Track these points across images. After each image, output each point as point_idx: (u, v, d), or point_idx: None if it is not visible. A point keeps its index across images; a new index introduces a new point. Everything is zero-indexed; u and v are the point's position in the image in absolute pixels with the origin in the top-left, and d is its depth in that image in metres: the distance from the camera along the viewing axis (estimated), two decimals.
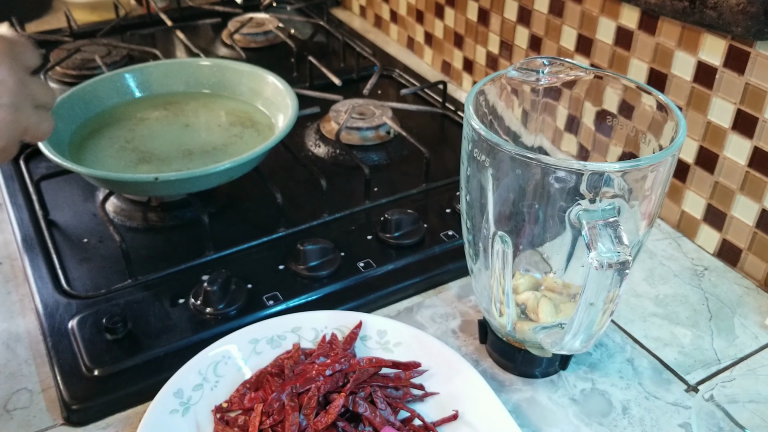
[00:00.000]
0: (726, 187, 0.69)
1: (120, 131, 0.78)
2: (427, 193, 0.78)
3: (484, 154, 0.48)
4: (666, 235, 0.75)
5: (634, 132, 0.53)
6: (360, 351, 0.57)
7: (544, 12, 0.84)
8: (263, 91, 0.82)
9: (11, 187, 0.77)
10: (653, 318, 0.64)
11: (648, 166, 0.45)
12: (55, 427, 0.54)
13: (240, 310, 0.62)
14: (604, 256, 0.43)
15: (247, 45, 1.13)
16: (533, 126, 0.58)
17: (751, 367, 0.60)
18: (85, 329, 0.59)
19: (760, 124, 0.64)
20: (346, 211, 0.74)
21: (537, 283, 0.54)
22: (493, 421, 0.51)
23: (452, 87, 1.05)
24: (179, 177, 0.65)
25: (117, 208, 0.74)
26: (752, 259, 0.68)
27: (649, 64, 0.73)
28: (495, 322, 0.56)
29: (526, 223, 0.49)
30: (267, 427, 0.50)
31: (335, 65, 1.07)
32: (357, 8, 1.31)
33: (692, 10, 0.64)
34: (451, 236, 0.71)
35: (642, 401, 0.56)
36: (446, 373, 0.55)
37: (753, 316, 0.65)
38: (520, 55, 0.91)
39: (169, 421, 0.51)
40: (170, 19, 1.15)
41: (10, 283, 0.67)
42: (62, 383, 0.55)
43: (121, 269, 0.65)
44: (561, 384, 0.58)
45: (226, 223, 0.73)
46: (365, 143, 0.86)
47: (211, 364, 0.55)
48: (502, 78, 0.55)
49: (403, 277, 0.67)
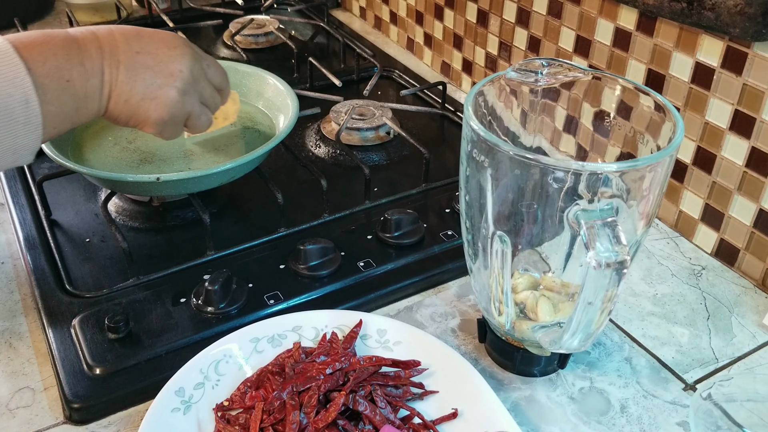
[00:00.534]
0: (724, 188, 0.69)
1: (122, 132, 0.78)
2: (427, 193, 0.79)
3: (483, 154, 0.48)
4: (664, 235, 0.75)
5: (632, 132, 0.54)
6: (360, 350, 0.58)
7: (542, 13, 0.85)
8: (264, 91, 0.82)
9: (14, 187, 0.77)
10: (651, 317, 0.64)
11: (646, 166, 0.46)
12: (57, 426, 0.54)
13: (241, 309, 0.62)
14: (603, 255, 0.43)
15: (248, 46, 1.14)
16: (532, 126, 0.59)
17: (748, 365, 0.60)
18: (87, 328, 0.59)
19: (758, 125, 0.64)
20: (346, 211, 0.75)
21: (536, 283, 0.55)
22: (492, 420, 0.51)
23: (451, 88, 1.06)
24: (181, 177, 0.65)
25: (119, 208, 0.75)
26: (750, 259, 0.69)
27: (647, 65, 0.73)
28: (494, 321, 0.56)
29: (524, 222, 0.49)
30: (268, 425, 0.50)
31: (335, 66, 1.08)
32: (357, 10, 1.31)
33: (690, 12, 0.64)
34: (451, 236, 0.71)
35: (640, 400, 0.56)
36: (446, 372, 0.55)
37: (750, 316, 0.65)
38: (519, 56, 0.91)
39: (171, 420, 0.51)
40: (172, 21, 1.15)
41: (13, 282, 0.67)
42: (64, 382, 0.55)
43: (122, 269, 0.66)
44: (559, 383, 0.58)
45: (227, 222, 0.74)
46: (365, 144, 0.87)
47: (212, 363, 0.55)
48: (501, 79, 0.55)
49: (403, 277, 0.67)
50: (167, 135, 0.62)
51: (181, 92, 0.59)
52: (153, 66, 0.58)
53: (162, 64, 0.58)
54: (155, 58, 0.58)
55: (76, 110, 0.55)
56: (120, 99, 0.57)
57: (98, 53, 0.56)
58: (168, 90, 0.59)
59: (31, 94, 0.51)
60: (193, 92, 0.61)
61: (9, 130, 0.51)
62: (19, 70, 0.50)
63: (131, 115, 0.58)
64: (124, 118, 0.59)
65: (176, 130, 0.63)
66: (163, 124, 0.60)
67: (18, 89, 0.50)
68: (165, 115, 0.59)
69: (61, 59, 0.53)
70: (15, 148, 0.52)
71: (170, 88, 0.59)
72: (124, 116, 0.58)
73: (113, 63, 0.56)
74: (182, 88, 0.59)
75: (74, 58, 0.54)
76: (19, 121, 0.51)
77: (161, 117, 0.59)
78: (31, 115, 0.51)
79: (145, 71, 0.57)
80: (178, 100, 0.59)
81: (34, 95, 0.51)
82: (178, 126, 0.62)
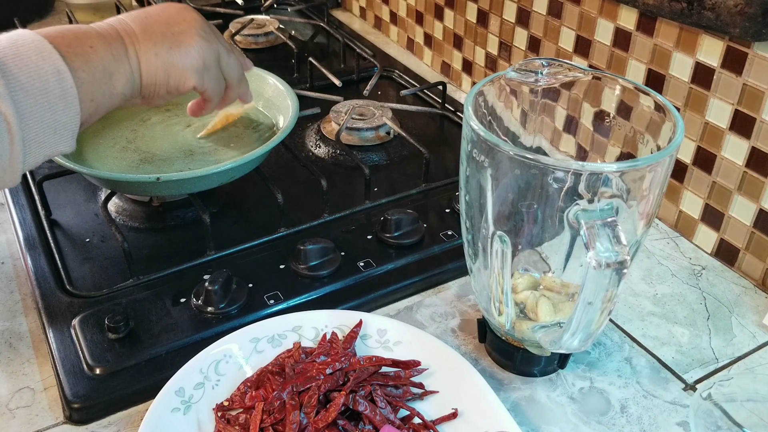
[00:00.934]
0: (724, 187, 0.69)
1: (122, 132, 0.78)
2: (427, 193, 0.79)
3: (483, 154, 0.48)
4: (664, 235, 0.75)
5: (632, 132, 0.54)
6: (360, 350, 0.58)
7: (542, 13, 0.85)
8: (264, 91, 0.82)
9: (14, 187, 0.77)
10: (651, 317, 0.65)
11: (646, 166, 0.46)
12: (57, 426, 0.54)
13: (241, 309, 0.62)
14: (603, 255, 0.43)
15: (248, 46, 1.14)
16: (532, 126, 0.59)
17: (748, 365, 0.60)
18: (87, 328, 0.59)
19: (758, 125, 0.64)
20: (346, 211, 0.75)
21: (536, 283, 0.55)
22: (492, 420, 0.51)
23: (451, 88, 1.06)
24: (181, 177, 0.65)
25: (119, 208, 0.75)
26: (750, 259, 0.69)
27: (647, 65, 0.73)
28: (494, 321, 0.56)
29: (524, 222, 0.49)
30: (268, 425, 0.50)
31: (335, 66, 1.08)
32: (357, 10, 1.31)
33: (690, 12, 0.64)
34: (451, 236, 0.71)
35: (640, 400, 0.57)
36: (446, 372, 0.55)
37: (750, 316, 0.65)
38: (519, 56, 0.92)
39: (171, 420, 0.51)
40: None
41: (13, 282, 0.67)
42: (64, 382, 0.55)
43: (122, 269, 0.66)
44: (560, 383, 0.58)
45: (227, 222, 0.74)
46: (365, 144, 0.87)
47: (212, 363, 0.55)
48: (501, 79, 0.55)
49: (403, 277, 0.67)
50: (211, 85, 0.63)
51: (201, 34, 0.61)
52: (166, 20, 0.60)
53: (173, 18, 0.61)
54: (164, 14, 0.61)
55: (110, 76, 0.56)
56: (149, 55, 0.58)
57: (110, 28, 0.58)
58: (190, 34, 0.60)
59: (60, 64, 0.51)
60: (211, 34, 0.62)
61: (46, 103, 0.51)
62: (45, 45, 0.51)
63: (167, 69, 0.59)
64: (162, 78, 0.59)
65: (216, 77, 0.63)
66: (201, 69, 0.61)
67: (47, 61, 0.51)
68: (198, 59, 0.60)
69: (78, 34, 0.55)
70: (55, 126, 0.52)
71: (191, 33, 0.60)
72: (161, 75, 0.59)
73: (127, 30, 0.58)
74: (201, 31, 0.61)
75: (89, 32, 0.56)
76: (55, 93, 0.51)
77: (197, 63, 0.60)
78: (66, 86, 0.51)
79: (160, 26, 0.59)
80: (203, 41, 0.61)
81: (64, 65, 0.51)
82: (214, 70, 0.63)
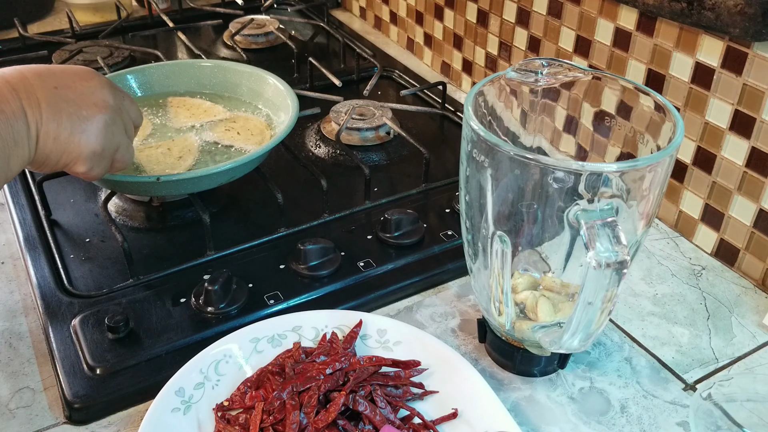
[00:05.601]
0: (724, 188, 0.69)
1: None
2: (427, 193, 0.79)
3: (483, 154, 0.48)
4: (664, 235, 0.75)
5: (632, 132, 0.54)
6: (360, 350, 0.58)
7: (542, 13, 0.85)
8: (264, 91, 0.82)
9: (14, 187, 0.77)
10: (651, 317, 0.65)
11: (646, 166, 0.46)
12: (57, 426, 0.54)
13: (241, 309, 0.62)
14: (603, 255, 0.43)
15: (248, 46, 1.14)
16: (532, 126, 0.59)
17: (748, 366, 0.60)
18: (87, 328, 0.59)
19: (758, 125, 0.64)
20: (346, 211, 0.75)
21: (536, 283, 0.55)
22: (492, 420, 0.51)
23: (451, 88, 1.06)
24: (181, 177, 0.65)
25: (119, 208, 0.75)
26: (750, 259, 0.69)
27: (647, 65, 0.73)
28: (494, 321, 0.56)
29: (524, 222, 0.49)
30: (268, 425, 0.50)
31: (335, 66, 1.08)
32: (357, 10, 1.31)
33: (690, 12, 0.64)
34: (451, 236, 0.71)
35: (640, 400, 0.57)
36: (446, 372, 0.55)
37: (750, 316, 0.65)
38: (519, 56, 0.92)
39: (171, 420, 0.51)
40: (172, 21, 1.15)
41: (13, 282, 0.67)
42: (64, 382, 0.55)
43: (122, 269, 0.66)
44: (559, 383, 0.58)
45: (227, 223, 0.74)
46: (365, 144, 0.87)
47: (212, 363, 0.55)
48: (501, 79, 0.55)
49: (403, 277, 0.67)
50: (97, 171, 0.57)
51: (108, 122, 0.56)
52: (75, 99, 0.55)
53: (83, 96, 0.55)
54: (74, 90, 0.55)
55: (8, 161, 0.50)
56: (48, 138, 0.53)
57: (13, 95, 0.51)
58: (96, 121, 0.55)
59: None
60: (119, 122, 0.58)
61: None
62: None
63: (61, 154, 0.54)
64: (53, 159, 0.54)
65: (106, 165, 0.59)
66: (95, 158, 0.56)
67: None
68: (97, 147, 0.56)
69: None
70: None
71: (98, 119, 0.55)
72: (54, 156, 0.54)
73: (33, 102, 0.52)
74: (109, 119, 0.56)
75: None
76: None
77: (93, 150, 0.55)
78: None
79: (68, 105, 0.54)
80: (108, 130, 0.56)
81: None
82: (107, 160, 0.58)
